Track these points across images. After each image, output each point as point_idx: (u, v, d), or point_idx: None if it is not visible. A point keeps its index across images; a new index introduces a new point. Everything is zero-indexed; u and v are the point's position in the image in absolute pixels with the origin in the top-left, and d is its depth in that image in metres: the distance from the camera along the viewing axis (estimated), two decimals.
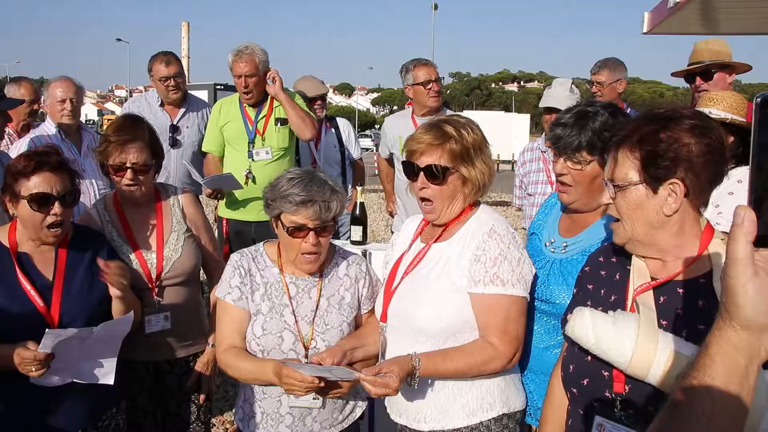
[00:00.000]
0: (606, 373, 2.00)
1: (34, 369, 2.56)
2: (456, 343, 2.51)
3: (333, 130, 6.63)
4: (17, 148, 4.69)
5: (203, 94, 10.67)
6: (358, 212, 4.41)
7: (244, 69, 5.05)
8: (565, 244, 2.68)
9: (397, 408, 2.68)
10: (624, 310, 2.01)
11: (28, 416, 2.75)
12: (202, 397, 3.47)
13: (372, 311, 2.91)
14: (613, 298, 2.11)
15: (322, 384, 2.48)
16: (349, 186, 6.58)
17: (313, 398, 2.71)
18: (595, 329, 1.98)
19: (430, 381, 2.54)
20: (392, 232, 7.05)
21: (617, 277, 2.14)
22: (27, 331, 2.63)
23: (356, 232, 4.45)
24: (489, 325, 2.47)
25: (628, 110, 4.86)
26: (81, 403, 2.84)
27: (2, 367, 2.62)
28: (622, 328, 1.92)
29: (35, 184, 2.72)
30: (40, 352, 2.53)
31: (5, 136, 5.46)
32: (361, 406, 2.95)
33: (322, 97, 6.44)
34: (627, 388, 1.95)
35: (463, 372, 2.47)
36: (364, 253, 4.39)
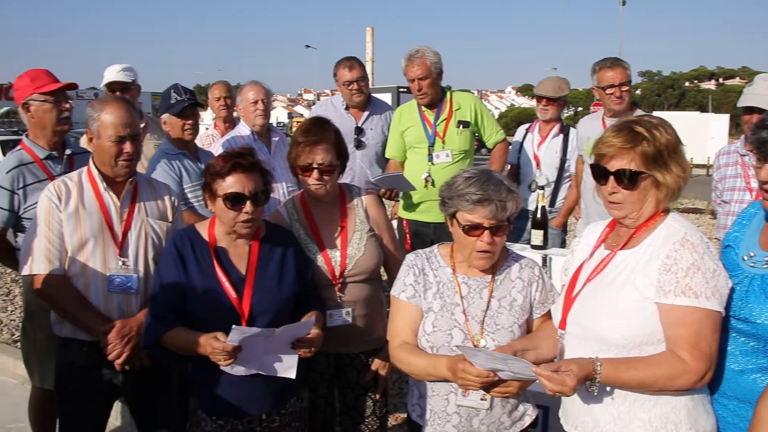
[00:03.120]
0: None
1: (222, 359, 2.72)
2: (640, 355, 2.37)
3: (562, 136, 6.25)
4: (215, 148, 5.02)
5: (387, 97, 10.93)
6: (539, 215, 4.30)
7: (416, 72, 5.12)
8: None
9: (573, 419, 2.59)
10: None
11: (224, 395, 2.96)
12: (378, 392, 3.54)
13: (545, 316, 2.85)
14: None
15: (496, 378, 2.45)
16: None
17: (481, 398, 2.70)
18: None
19: (609, 390, 2.42)
20: (574, 236, 6.85)
21: None
22: (220, 320, 2.83)
23: (536, 236, 4.35)
24: (678, 339, 2.30)
25: None
26: (267, 389, 3.00)
27: (195, 353, 2.83)
28: None
29: (230, 184, 2.90)
30: (228, 344, 2.68)
31: (210, 137, 5.93)
32: (530, 414, 2.88)
33: (559, 100, 6.20)
34: None
35: (647, 384, 2.32)
36: (544, 258, 4.28)
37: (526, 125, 6.66)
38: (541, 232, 4.34)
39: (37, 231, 3.22)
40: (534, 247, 4.32)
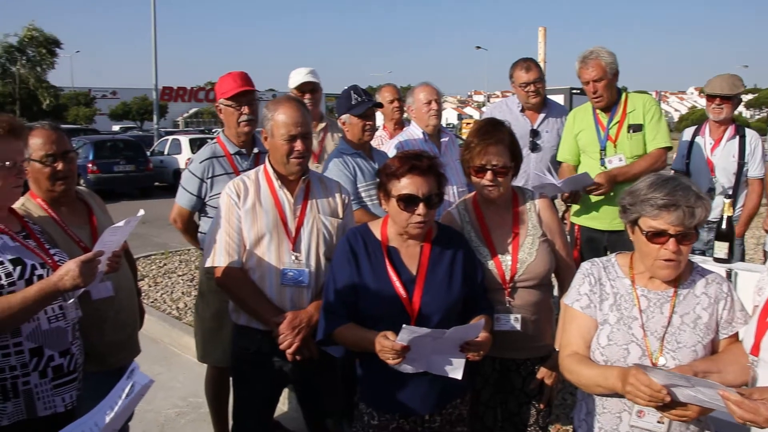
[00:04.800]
0: None
1: (391, 357, 2.74)
2: None
3: (738, 138, 5.81)
4: (387, 149, 5.11)
5: (559, 99, 10.65)
6: (724, 227, 3.99)
7: (591, 74, 4.92)
8: None
9: None
10: None
11: (389, 392, 3.01)
12: (543, 401, 3.44)
13: (732, 338, 2.62)
14: None
15: (669, 398, 2.27)
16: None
17: (658, 421, 2.51)
18: None
19: None
20: (765, 252, 6.30)
21: None
22: (389, 318, 2.86)
23: (720, 248, 4.04)
24: None
25: None
26: (432, 389, 3.00)
27: (364, 349, 2.89)
28: None
29: (404, 185, 2.93)
30: (397, 343, 2.69)
31: (378, 138, 6.04)
32: None
33: (734, 98, 5.77)
34: None
35: None
36: (729, 273, 3.99)
37: (692, 128, 6.19)
38: (726, 245, 4.02)
39: (218, 226, 3.43)
40: (717, 260, 4.02)
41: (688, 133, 6.09)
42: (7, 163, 2.75)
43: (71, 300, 2.93)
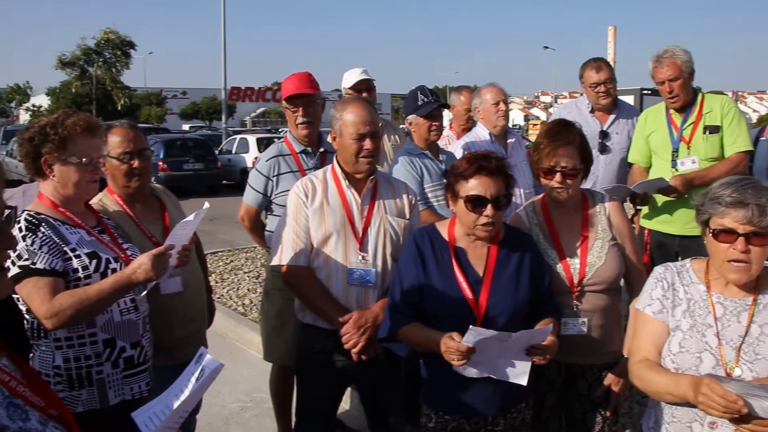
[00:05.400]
0: None
1: (456, 359, 2.72)
2: None
3: None
4: (453, 150, 5.09)
5: (629, 99, 10.43)
6: None
7: (666, 74, 4.76)
8: None
9: None
10: None
11: (452, 393, 3.00)
12: (610, 408, 3.37)
13: None
14: None
15: (745, 410, 2.17)
16: None
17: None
18: None
19: None
20: None
21: None
22: (455, 319, 2.85)
23: None
24: None
25: None
26: (496, 392, 2.97)
27: (429, 349, 2.88)
28: None
29: (472, 186, 2.91)
30: (462, 345, 2.67)
31: (446, 138, 6.03)
32: None
33: None
34: None
35: None
36: None
37: (756, 129, 5.89)
38: None
39: (286, 224, 3.47)
40: None
41: (752, 135, 5.83)
42: (84, 159, 2.86)
43: (143, 293, 3.02)
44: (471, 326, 2.60)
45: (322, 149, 4.42)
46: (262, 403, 5.41)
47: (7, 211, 1.48)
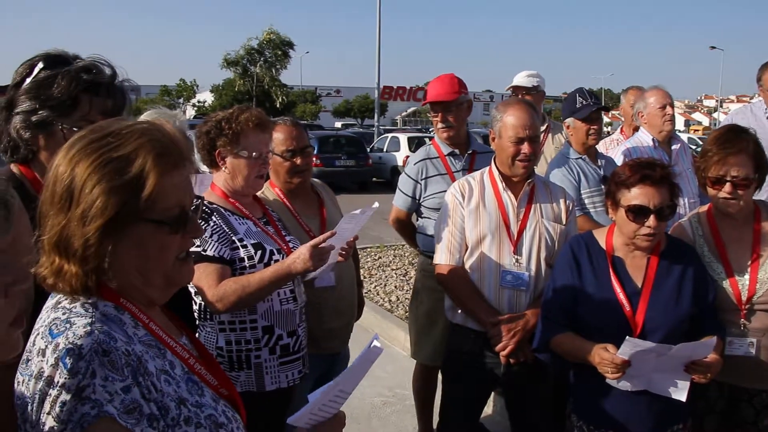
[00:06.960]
0: None
1: (610, 371, 2.65)
2: None
3: None
4: (614, 155, 4.91)
5: None
6: None
7: None
8: None
9: None
10: None
11: (604, 407, 2.90)
12: None
13: None
14: None
15: None
16: None
17: None
18: None
19: None
20: None
21: None
22: (610, 330, 2.78)
23: None
24: None
25: None
26: (650, 409, 2.86)
27: (582, 360, 2.81)
28: None
29: (635, 195, 2.81)
30: (617, 357, 2.60)
31: (613, 142, 5.83)
32: None
33: None
34: None
35: None
36: None
37: None
38: None
39: (442, 224, 3.50)
40: None
41: None
42: (254, 153, 3.01)
43: (300, 284, 3.15)
44: (628, 337, 2.53)
45: (470, 150, 4.39)
46: (404, 400, 5.49)
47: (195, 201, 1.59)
